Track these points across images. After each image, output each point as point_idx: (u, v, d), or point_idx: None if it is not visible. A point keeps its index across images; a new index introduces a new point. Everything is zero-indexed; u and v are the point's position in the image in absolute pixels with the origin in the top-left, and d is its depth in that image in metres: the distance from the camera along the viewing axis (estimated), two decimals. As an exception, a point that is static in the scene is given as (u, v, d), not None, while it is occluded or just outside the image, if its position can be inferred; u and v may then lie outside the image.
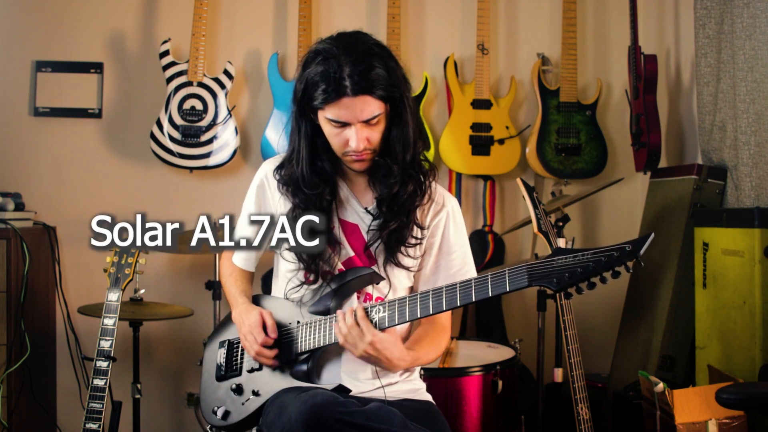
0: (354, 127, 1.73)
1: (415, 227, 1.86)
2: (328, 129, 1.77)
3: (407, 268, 1.87)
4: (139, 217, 1.85)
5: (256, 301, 2.00)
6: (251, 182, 1.98)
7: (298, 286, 1.88)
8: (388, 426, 1.60)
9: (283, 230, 1.87)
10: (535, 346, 2.85)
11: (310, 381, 1.82)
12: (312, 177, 1.83)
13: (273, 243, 1.96)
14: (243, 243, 1.97)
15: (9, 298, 2.80)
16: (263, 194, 1.93)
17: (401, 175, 1.81)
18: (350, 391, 1.80)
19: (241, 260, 2.03)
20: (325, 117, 1.75)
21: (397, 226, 1.82)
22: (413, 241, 1.86)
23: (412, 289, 1.95)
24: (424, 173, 1.86)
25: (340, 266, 1.87)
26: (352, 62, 1.69)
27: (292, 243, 1.83)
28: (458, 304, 1.66)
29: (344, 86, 1.68)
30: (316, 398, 1.62)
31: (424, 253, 1.92)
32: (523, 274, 1.58)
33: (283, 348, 1.86)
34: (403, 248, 1.85)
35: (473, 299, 1.64)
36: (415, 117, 1.83)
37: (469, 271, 1.93)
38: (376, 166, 1.83)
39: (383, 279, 1.86)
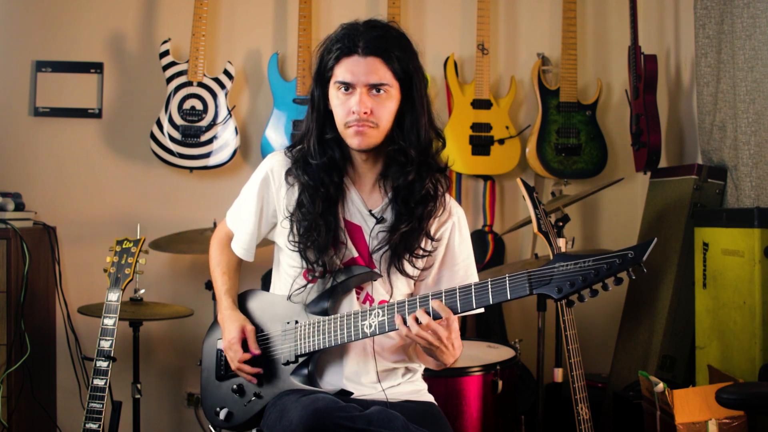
0: (359, 90, 1.73)
1: (425, 238, 1.83)
2: (335, 99, 1.77)
3: (410, 277, 1.86)
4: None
5: (250, 297, 1.98)
6: (254, 173, 1.95)
7: (302, 287, 1.86)
8: (390, 430, 1.59)
9: (284, 227, 1.86)
10: (535, 346, 2.85)
11: (311, 383, 1.81)
12: (319, 149, 1.81)
13: (274, 238, 1.95)
14: (244, 233, 1.96)
15: (9, 298, 2.80)
16: (267, 188, 1.90)
17: (418, 163, 1.79)
18: (352, 394, 1.80)
19: (241, 251, 1.99)
20: (334, 82, 1.76)
21: (408, 230, 1.80)
22: (421, 252, 1.83)
23: (411, 296, 1.91)
24: (441, 170, 1.85)
25: (339, 266, 1.85)
26: (370, 28, 1.76)
27: (294, 242, 1.83)
28: (459, 311, 1.64)
29: (357, 45, 1.73)
30: (317, 403, 1.61)
31: (429, 265, 1.89)
32: (524, 282, 1.56)
33: (268, 356, 1.87)
34: (409, 257, 1.82)
35: (474, 306, 1.63)
36: (430, 114, 1.83)
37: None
38: (388, 158, 1.81)
39: (380, 276, 1.83)
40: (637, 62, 3.23)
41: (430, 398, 1.96)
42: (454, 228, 1.90)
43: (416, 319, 1.65)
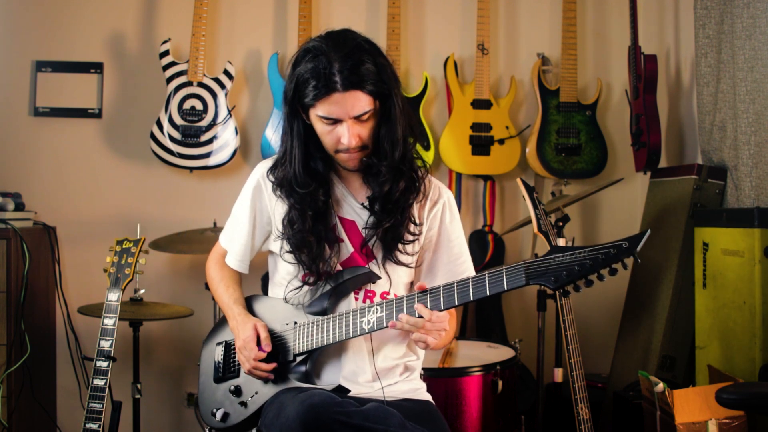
0: (345, 123, 1.73)
1: (411, 224, 1.85)
2: (320, 127, 1.77)
3: (406, 265, 1.87)
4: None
5: (249, 301, 1.99)
6: (245, 185, 1.97)
7: (298, 288, 1.87)
8: (386, 426, 1.60)
9: (278, 238, 1.88)
10: (535, 346, 2.85)
11: (308, 382, 1.82)
12: (305, 177, 1.82)
13: (269, 247, 1.96)
14: (238, 244, 1.98)
15: (9, 298, 2.80)
16: (259, 195, 1.93)
17: (391, 173, 1.80)
18: (349, 391, 1.80)
19: (236, 262, 2.01)
20: (316, 115, 1.74)
21: (392, 224, 1.82)
22: (410, 237, 1.86)
23: (412, 284, 1.94)
24: (416, 170, 1.86)
25: (338, 266, 1.87)
26: (342, 57, 1.69)
27: (289, 252, 1.84)
28: (456, 303, 1.66)
29: (334, 82, 1.68)
30: (313, 398, 1.61)
31: (423, 248, 1.92)
32: (520, 272, 1.58)
33: (279, 353, 1.86)
34: (400, 245, 1.84)
35: (471, 298, 1.65)
36: (407, 114, 1.81)
37: (467, 261, 1.94)
38: (367, 166, 1.82)
39: (380, 278, 1.86)
40: (637, 62, 3.23)
41: (428, 397, 1.96)
42: (444, 208, 1.93)
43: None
